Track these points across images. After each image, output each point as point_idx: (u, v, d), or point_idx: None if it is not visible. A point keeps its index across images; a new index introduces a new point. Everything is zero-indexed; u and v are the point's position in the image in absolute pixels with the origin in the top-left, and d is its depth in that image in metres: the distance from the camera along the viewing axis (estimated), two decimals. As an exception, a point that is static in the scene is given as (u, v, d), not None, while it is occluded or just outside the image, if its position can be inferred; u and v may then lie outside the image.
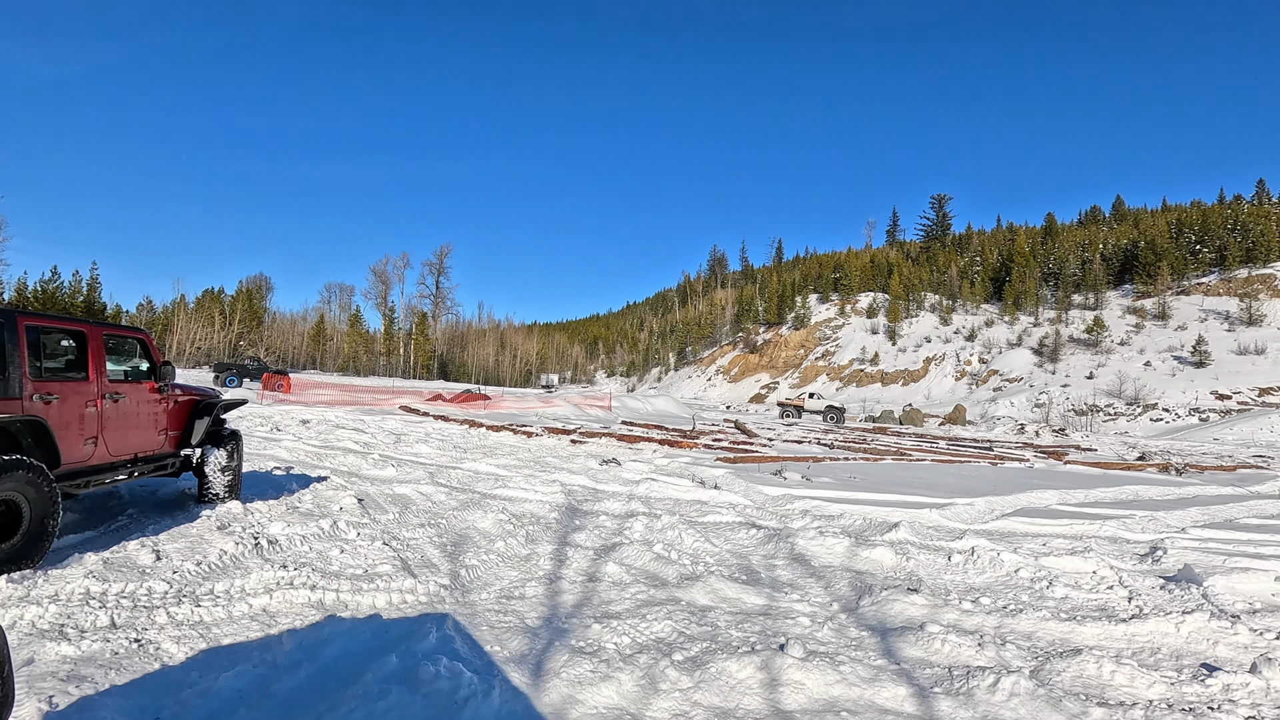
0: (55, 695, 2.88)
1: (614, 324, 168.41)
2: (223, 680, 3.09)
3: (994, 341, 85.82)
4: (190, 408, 6.56)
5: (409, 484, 8.58)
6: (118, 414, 5.42)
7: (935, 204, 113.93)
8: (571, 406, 32.19)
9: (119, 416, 5.44)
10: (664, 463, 12.14)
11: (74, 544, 5.07)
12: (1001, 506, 9.27)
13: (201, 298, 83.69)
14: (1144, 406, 59.72)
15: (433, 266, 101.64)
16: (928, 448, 20.63)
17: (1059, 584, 5.51)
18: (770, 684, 3.44)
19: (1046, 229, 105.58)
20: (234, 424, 15.06)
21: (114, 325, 5.56)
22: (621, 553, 5.79)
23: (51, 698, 2.86)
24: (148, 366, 5.98)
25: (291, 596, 4.23)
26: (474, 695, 3.03)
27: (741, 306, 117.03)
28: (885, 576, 5.73)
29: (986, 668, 3.70)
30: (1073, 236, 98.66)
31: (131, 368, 5.88)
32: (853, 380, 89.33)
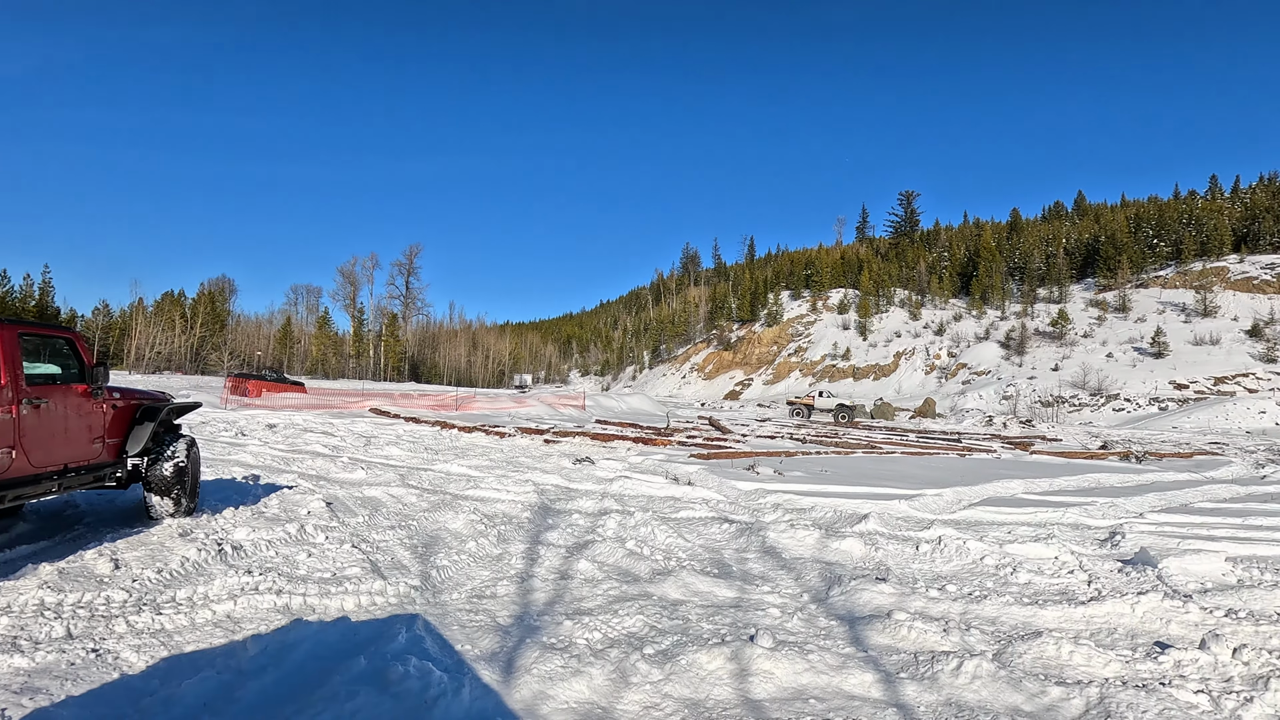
0: (7, 708, 2.82)
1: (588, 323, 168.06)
2: (185, 688, 3.04)
3: (962, 335, 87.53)
4: (131, 413, 6.10)
5: (379, 486, 8.49)
6: (40, 421, 4.95)
7: (904, 200, 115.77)
8: (545, 406, 32.09)
9: (42, 424, 4.97)
10: (638, 460, 12.18)
11: (27, 555, 4.94)
12: (969, 496, 9.48)
13: (161, 301, 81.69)
14: (1107, 397, 61.41)
15: (402, 267, 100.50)
16: (898, 440, 20.97)
17: (1022, 570, 5.67)
18: (740, 674, 3.49)
19: (1012, 224, 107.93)
20: (208, 430, 14.74)
21: (32, 324, 5.21)
22: (594, 550, 5.81)
23: (4, 710, 2.79)
24: (77, 369, 5.49)
25: (257, 602, 4.17)
26: (444, 694, 3.02)
27: (715, 304, 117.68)
28: (854, 567, 5.83)
29: (951, 652, 3.80)
30: (1037, 231, 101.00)
31: (58, 370, 5.41)
32: (825, 375, 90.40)
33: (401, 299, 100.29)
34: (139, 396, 6.28)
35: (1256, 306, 72.25)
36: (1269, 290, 74.81)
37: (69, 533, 5.65)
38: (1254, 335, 67.30)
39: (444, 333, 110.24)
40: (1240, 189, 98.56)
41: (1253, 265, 79.46)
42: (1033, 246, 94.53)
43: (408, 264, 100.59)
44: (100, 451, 5.68)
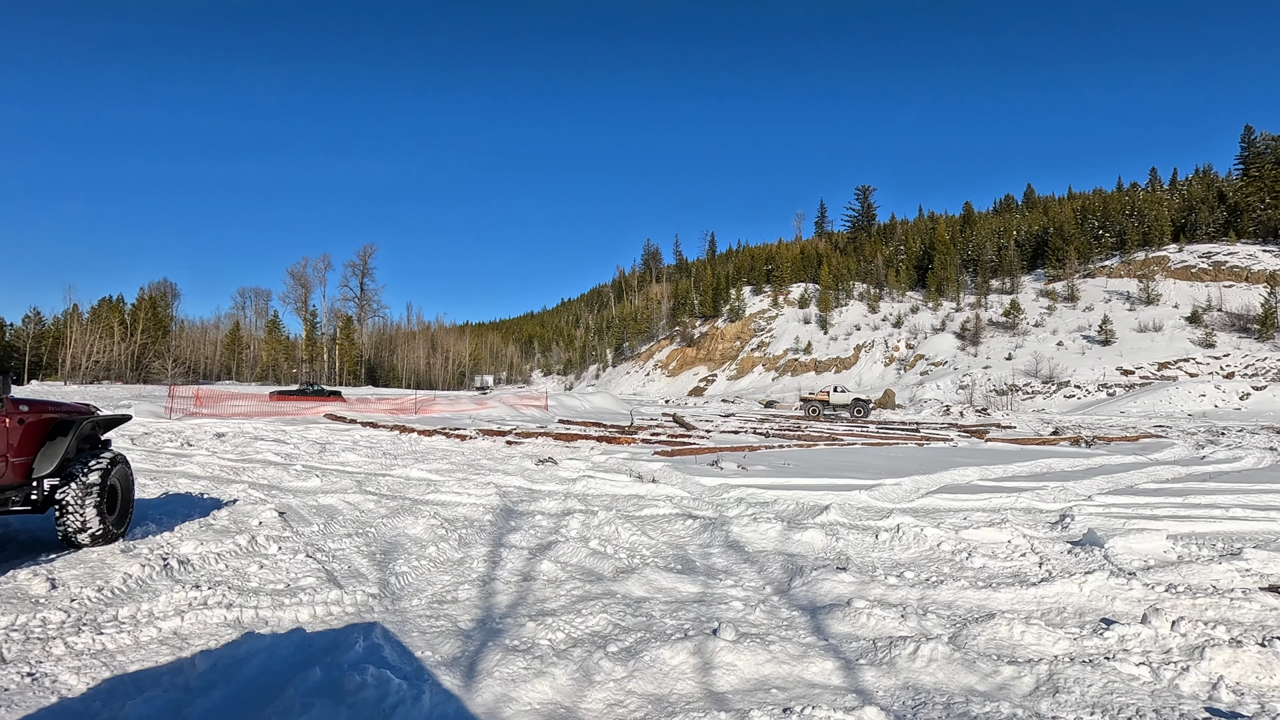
0: (-64, 738, 2.69)
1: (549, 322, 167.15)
2: (129, 708, 2.94)
3: (919, 327, 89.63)
4: (43, 428, 5.53)
5: (335, 494, 8.32)
6: None
7: (860, 195, 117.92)
8: (507, 407, 31.83)
9: None
10: (601, 459, 12.18)
11: (-44, 577, 4.71)
12: (926, 485, 9.73)
13: (98, 307, 78.46)
14: (1058, 384, 63.59)
15: (356, 268, 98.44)
16: (859, 432, 21.39)
17: (977, 554, 5.85)
18: (703, 668, 3.53)
19: (965, 218, 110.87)
20: (152, 441, 14.23)
21: None
22: (557, 551, 5.80)
23: (-68, 741, 2.67)
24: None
25: (205, 616, 4.06)
26: (403, 701, 2.99)
27: (677, 300, 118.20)
28: (816, 557, 5.94)
29: (908, 637, 3.91)
30: (989, 224, 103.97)
31: None
32: (788, 369, 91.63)
33: (356, 301, 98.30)
34: (52, 409, 5.74)
35: (1195, 294, 75.69)
36: (1205, 278, 78.42)
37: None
38: (1193, 322, 70.49)
39: (401, 335, 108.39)
40: (1178, 181, 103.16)
41: (1190, 254, 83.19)
42: (985, 239, 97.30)
43: (362, 265, 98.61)
44: (2, 472, 5.09)
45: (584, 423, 23.60)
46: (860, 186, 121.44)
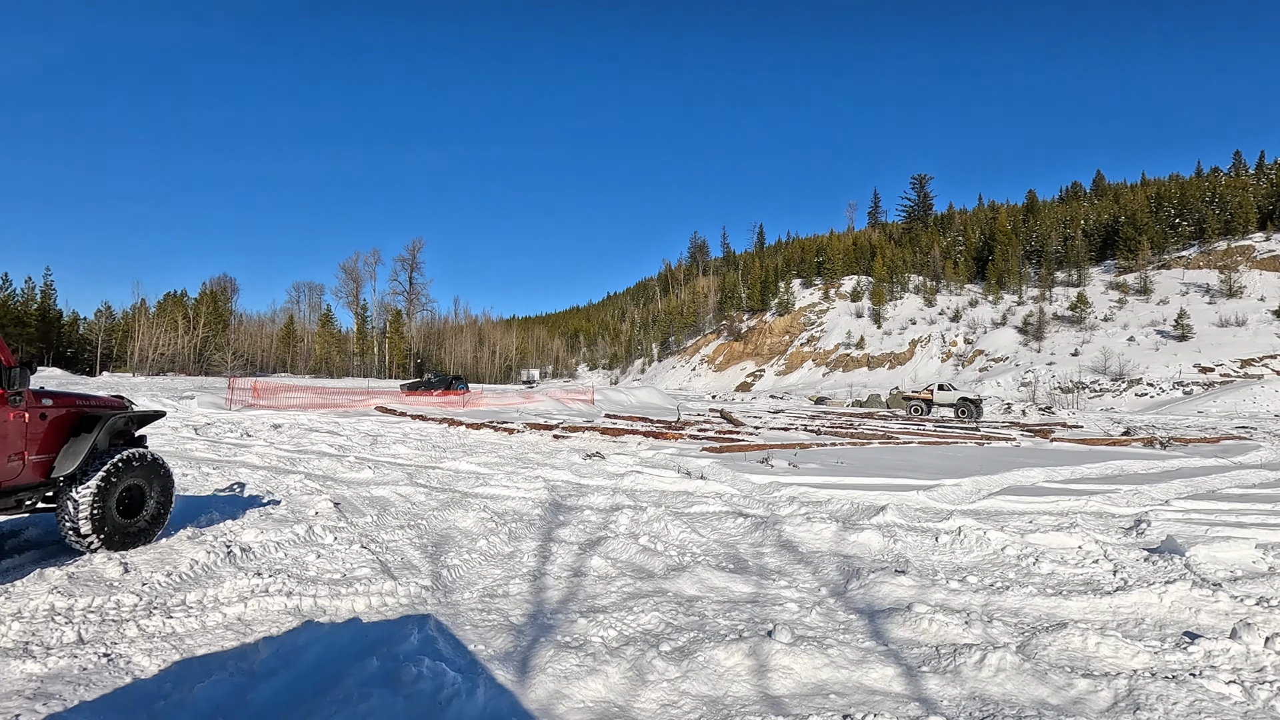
0: (22, 714, 2.85)
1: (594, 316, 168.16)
2: (197, 691, 3.07)
3: (979, 321, 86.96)
4: (66, 424, 5.21)
5: (387, 485, 8.54)
6: None
7: (916, 184, 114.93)
8: (553, 401, 32.16)
9: None
10: (649, 455, 12.19)
11: (35, 560, 4.99)
12: (988, 486, 9.43)
13: (163, 301, 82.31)
14: (1129, 382, 60.88)
15: (405, 262, 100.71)
16: (915, 430, 20.89)
17: (1045, 560, 5.63)
18: (758, 670, 3.49)
19: (1028, 206, 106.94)
20: (214, 431, 14.87)
21: None
22: (607, 546, 5.82)
23: (18, 716, 2.83)
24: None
25: (267, 604, 4.21)
26: (457, 694, 3.04)
27: (724, 294, 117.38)
28: (873, 560, 5.82)
29: (973, 644, 3.78)
30: (1054, 213, 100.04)
31: None
32: (839, 365, 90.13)
33: (405, 295, 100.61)
34: (80, 403, 5.43)
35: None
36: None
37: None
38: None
39: (449, 328, 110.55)
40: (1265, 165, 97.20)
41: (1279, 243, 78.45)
42: (1050, 229, 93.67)
43: (411, 259, 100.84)
44: (20, 470, 4.79)
45: (630, 417, 23.67)
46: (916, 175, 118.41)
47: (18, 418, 4.77)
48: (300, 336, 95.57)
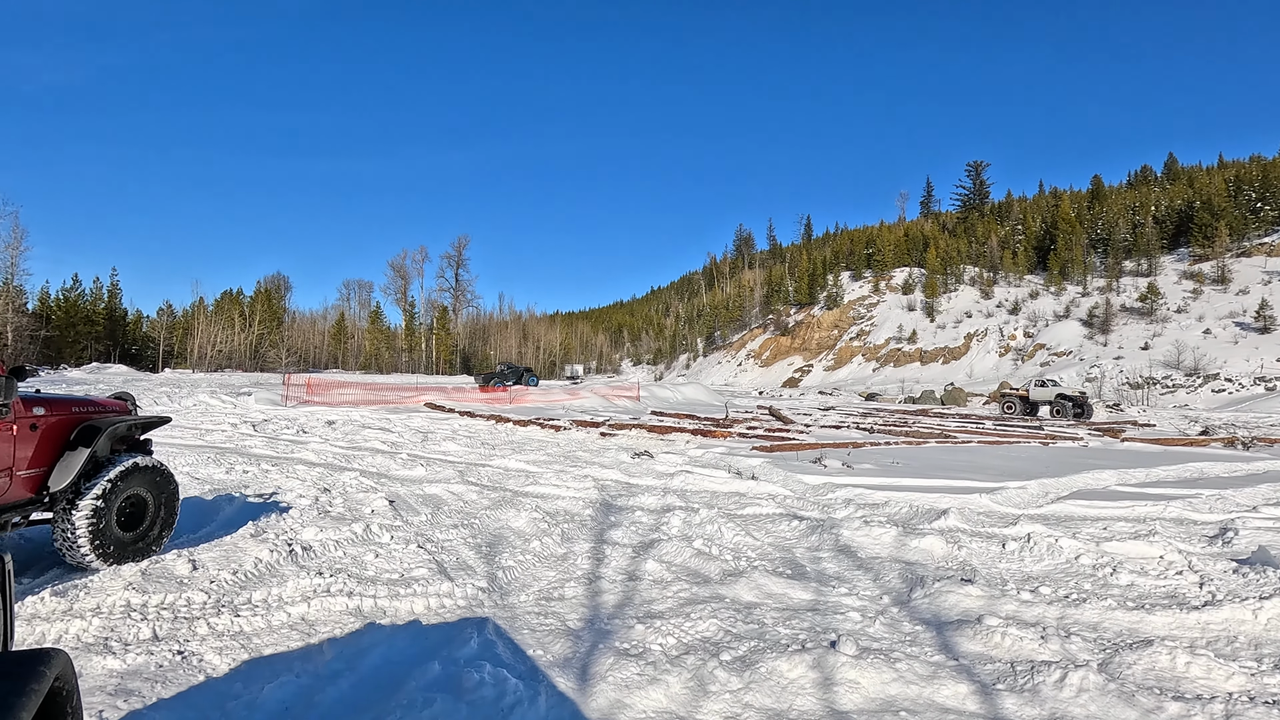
0: (105, 710, 2.98)
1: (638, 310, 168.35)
2: (266, 691, 3.16)
3: (1040, 314, 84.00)
4: (63, 433, 4.83)
5: (439, 483, 8.69)
6: None
7: (971, 171, 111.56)
8: (598, 398, 32.31)
9: None
10: (698, 454, 12.13)
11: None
12: (1056, 489, 9.09)
13: (221, 299, 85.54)
14: (1205, 377, 58.05)
15: (451, 259, 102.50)
16: (973, 429, 20.31)
17: (1124, 570, 5.39)
18: (824, 683, 3.41)
19: (1093, 192, 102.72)
20: (271, 428, 15.38)
21: None
22: (660, 549, 5.80)
23: (102, 712, 2.96)
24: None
25: (329, 604, 4.31)
26: (520, 702, 3.06)
27: (771, 287, 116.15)
28: (937, 567, 5.66)
29: (1052, 662, 3.64)
30: (1122, 199, 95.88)
31: None
32: (890, 360, 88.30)
33: (451, 291, 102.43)
34: (78, 408, 5.08)
35: (1379, 273, 66.96)
36: (1394, 254, 69.21)
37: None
38: (1376, 305, 62.39)
39: (494, 324, 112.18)
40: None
41: (1374, 227, 73.59)
42: (1117, 215, 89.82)
43: (456, 256, 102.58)
44: (7, 488, 4.43)
45: (676, 414, 23.62)
46: (972, 162, 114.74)
47: (4, 430, 4.36)
48: (351, 333, 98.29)
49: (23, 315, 51.10)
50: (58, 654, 1.39)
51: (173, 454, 10.70)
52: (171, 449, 11.43)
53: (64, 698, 1.39)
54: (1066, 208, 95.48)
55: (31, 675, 1.27)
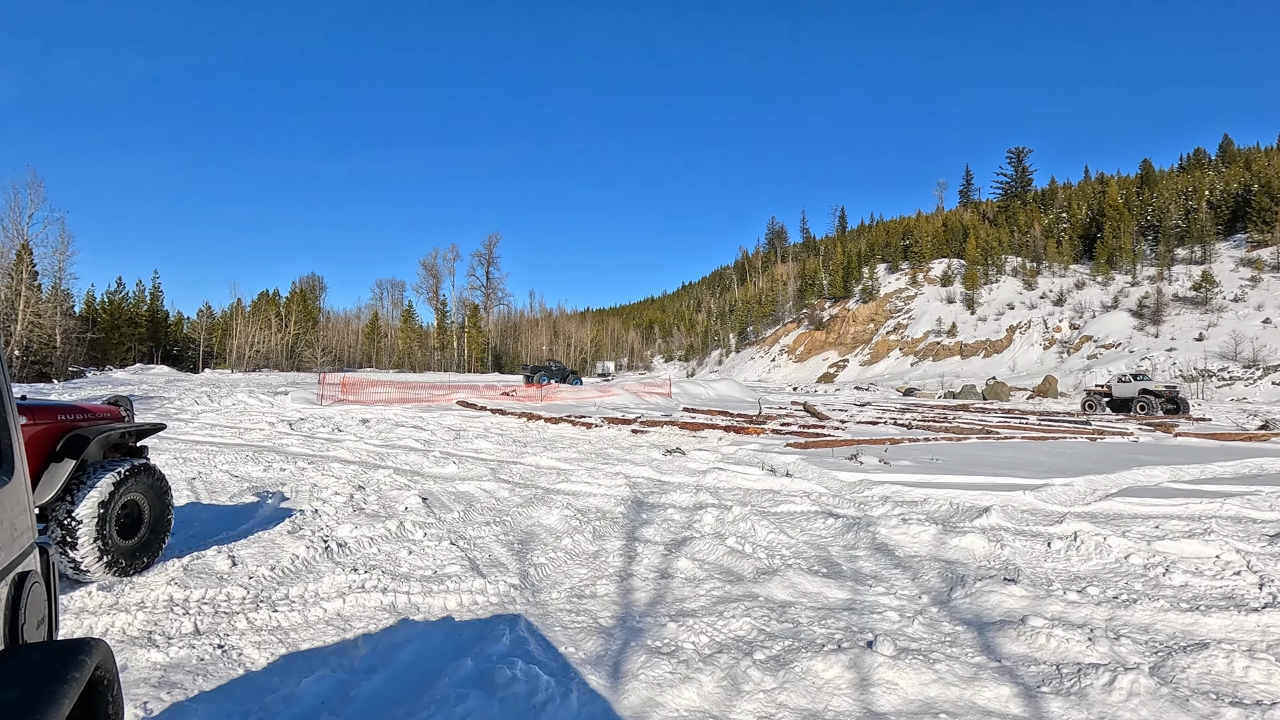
0: (150, 701, 3.08)
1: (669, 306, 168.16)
2: (304, 685, 3.23)
3: (1086, 304, 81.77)
4: (47, 442, 4.49)
5: (471, 481, 8.79)
6: None
7: (1013, 158, 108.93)
8: (630, 395, 32.37)
9: None
10: (731, 450, 12.07)
11: (155, 551, 5.40)
12: (1104, 486, 8.85)
13: (258, 300, 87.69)
14: (1264, 369, 55.90)
15: (482, 257, 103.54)
16: (1016, 424, 19.87)
17: (1177, 570, 5.22)
18: (860, 684, 3.37)
19: (1143, 177, 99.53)
20: (307, 426, 15.74)
21: None
22: (693, 547, 5.79)
23: (146, 704, 3.05)
24: None
25: (364, 600, 4.40)
26: (552, 699, 3.08)
27: (804, 281, 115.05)
28: (978, 566, 5.55)
29: (1100, 664, 3.54)
30: (1174, 184, 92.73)
31: None
32: (929, 354, 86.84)
33: (482, 289, 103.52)
34: (64, 417, 4.71)
35: None
36: None
37: (189, 529, 6.15)
38: None
39: (525, 322, 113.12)
40: None
41: None
42: (1169, 201, 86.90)
43: (487, 254, 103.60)
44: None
45: (709, 411, 23.55)
46: (1013, 148, 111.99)
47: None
48: (384, 332, 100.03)
49: (70, 318, 53.04)
50: (98, 644, 1.44)
51: (213, 452, 11.01)
52: (212, 447, 11.76)
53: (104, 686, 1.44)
54: (1114, 194, 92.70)
55: (73, 664, 1.32)
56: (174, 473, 9.02)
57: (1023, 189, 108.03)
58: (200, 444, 12.31)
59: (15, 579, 1.57)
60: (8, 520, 1.57)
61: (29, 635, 1.59)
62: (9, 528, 1.57)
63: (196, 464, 9.81)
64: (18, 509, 1.67)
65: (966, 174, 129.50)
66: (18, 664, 1.33)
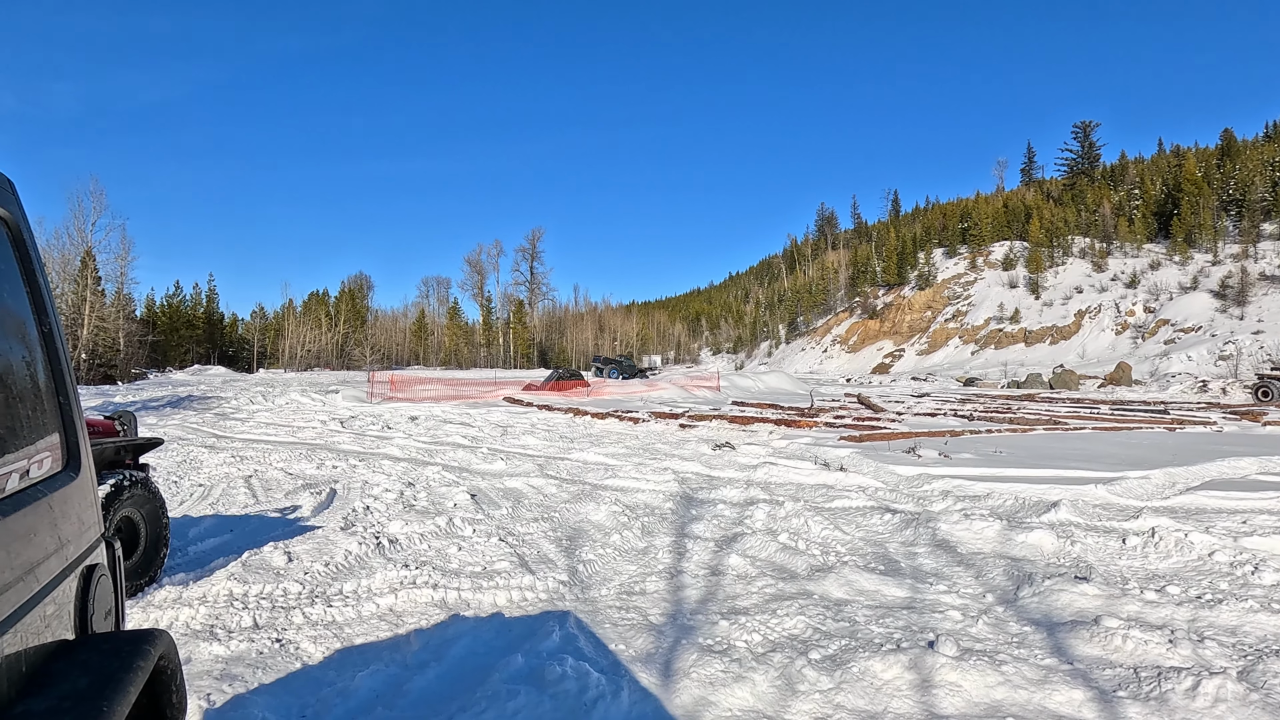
0: (212, 694, 3.22)
1: (716, 297, 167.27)
2: (358, 679, 3.33)
3: (1162, 286, 78.20)
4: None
5: (519, 477, 8.91)
6: None
7: (1079, 133, 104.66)
8: (677, 388, 32.35)
9: None
10: (782, 444, 11.96)
11: (215, 548, 5.64)
12: (1185, 479, 8.46)
13: (308, 300, 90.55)
14: (1363, 351, 52.61)
15: (526, 252, 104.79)
16: (1086, 414, 19.15)
17: (1267, 569, 4.96)
18: (921, 685, 3.30)
19: (1224, 148, 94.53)
20: (357, 425, 16.19)
21: None
22: (744, 543, 5.76)
23: (210, 695, 3.19)
24: None
25: (415, 596, 4.50)
26: (602, 696, 3.10)
27: (856, 268, 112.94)
28: (1046, 563, 5.37)
29: (1182, 668, 3.39)
30: (1259, 154, 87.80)
31: None
32: (990, 342, 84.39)
33: (526, 284, 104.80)
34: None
35: None
36: None
37: (246, 526, 6.39)
38: None
39: (570, 316, 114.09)
40: None
41: None
42: (1253, 173, 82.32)
43: (531, 249, 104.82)
44: None
45: (759, 404, 23.36)
46: (1079, 123, 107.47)
47: None
48: (430, 330, 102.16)
49: (132, 322, 55.67)
50: (161, 634, 1.51)
51: (268, 451, 11.42)
52: (267, 446, 12.20)
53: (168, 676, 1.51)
54: (1192, 167, 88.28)
55: (138, 653, 1.39)
56: (231, 470, 9.39)
57: (1090, 165, 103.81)
58: (256, 442, 12.78)
59: (84, 571, 1.65)
60: (76, 515, 1.65)
61: (97, 626, 1.67)
62: (77, 522, 1.65)
63: (253, 462, 10.18)
64: (85, 504, 1.76)
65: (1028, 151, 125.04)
66: (88, 653, 1.40)
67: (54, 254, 48.25)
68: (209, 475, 9.06)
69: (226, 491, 8.06)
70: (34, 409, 1.51)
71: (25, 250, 1.60)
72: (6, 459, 1.31)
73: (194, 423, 16.56)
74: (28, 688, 1.23)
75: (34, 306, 1.61)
